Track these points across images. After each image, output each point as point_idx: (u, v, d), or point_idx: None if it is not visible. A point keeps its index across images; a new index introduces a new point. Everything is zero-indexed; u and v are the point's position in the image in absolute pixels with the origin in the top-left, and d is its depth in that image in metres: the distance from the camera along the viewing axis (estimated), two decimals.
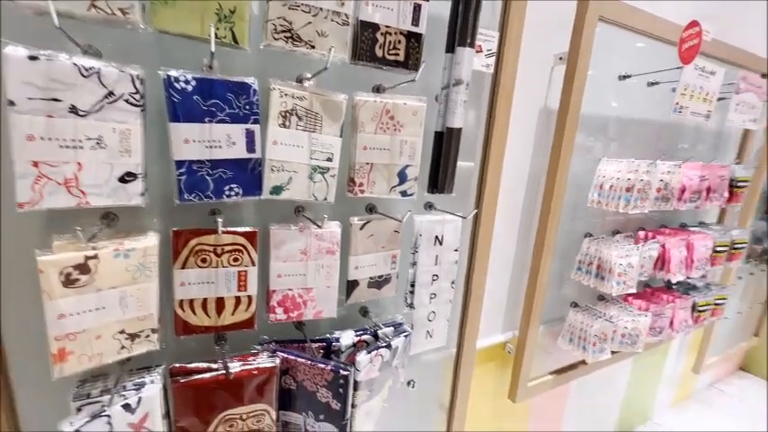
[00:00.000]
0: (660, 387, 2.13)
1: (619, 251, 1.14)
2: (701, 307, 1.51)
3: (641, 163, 1.07)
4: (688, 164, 1.23)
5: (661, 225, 1.51)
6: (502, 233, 1.19)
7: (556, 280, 1.33)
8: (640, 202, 1.10)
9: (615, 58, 1.17)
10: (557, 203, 1.12)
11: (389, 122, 0.74)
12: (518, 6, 0.90)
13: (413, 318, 0.92)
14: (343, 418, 0.75)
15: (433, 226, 0.88)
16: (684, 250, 1.34)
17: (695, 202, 1.27)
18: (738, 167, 1.39)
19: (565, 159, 1.08)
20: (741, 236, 1.52)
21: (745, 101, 1.17)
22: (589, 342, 1.23)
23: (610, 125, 1.26)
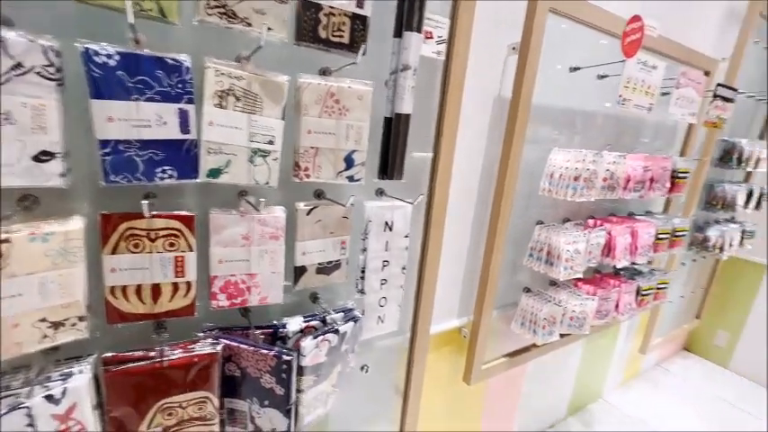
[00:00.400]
0: (610, 367, 2.26)
1: (566, 238, 1.19)
2: (645, 291, 1.60)
3: (588, 153, 1.12)
4: (632, 155, 1.29)
5: (610, 213, 1.58)
6: (457, 220, 1.22)
7: (510, 266, 1.37)
8: (587, 191, 1.15)
9: (573, 51, 1.20)
10: (509, 191, 1.15)
11: (335, 106, 0.73)
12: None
13: (364, 303, 0.93)
14: (287, 402, 0.75)
15: (383, 212, 0.88)
16: (629, 237, 1.41)
17: (639, 192, 1.33)
18: (680, 159, 1.47)
19: (517, 148, 1.11)
20: (682, 224, 1.62)
21: (684, 95, 1.24)
22: (539, 325, 1.28)
23: (563, 116, 1.30)
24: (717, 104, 1.38)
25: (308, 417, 0.83)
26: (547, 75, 1.18)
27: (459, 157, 1.14)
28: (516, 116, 1.08)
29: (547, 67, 1.17)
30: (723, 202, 1.99)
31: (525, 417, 1.86)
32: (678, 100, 1.22)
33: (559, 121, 1.31)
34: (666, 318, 2.44)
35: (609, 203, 1.61)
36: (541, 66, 1.13)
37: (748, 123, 2.31)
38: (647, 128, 1.68)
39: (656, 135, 1.74)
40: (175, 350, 0.69)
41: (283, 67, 0.70)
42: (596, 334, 2.01)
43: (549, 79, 1.19)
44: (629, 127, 1.57)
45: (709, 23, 1.77)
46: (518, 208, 1.32)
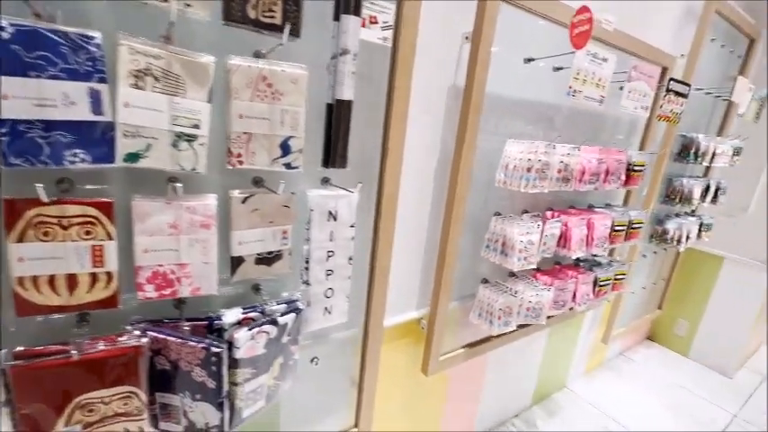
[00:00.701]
0: (574, 357, 2.32)
1: (520, 229, 1.20)
2: (603, 282, 1.64)
3: (540, 144, 1.12)
4: (586, 147, 1.30)
5: (570, 205, 1.61)
6: (414, 211, 1.21)
7: (470, 257, 1.38)
8: (539, 182, 1.16)
9: (531, 42, 1.20)
10: (463, 182, 1.14)
11: (267, 90, 0.71)
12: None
13: (309, 294, 0.91)
14: (219, 396, 0.73)
15: (326, 201, 0.86)
16: (585, 229, 1.43)
17: (594, 184, 1.35)
18: (635, 153, 1.50)
19: (471, 137, 1.11)
20: (639, 216, 1.65)
21: (636, 89, 1.26)
22: (495, 316, 1.29)
23: (523, 108, 1.30)
24: (669, 99, 1.41)
25: (247, 410, 0.81)
26: (504, 65, 1.18)
27: (414, 147, 1.13)
28: (469, 105, 1.07)
29: (503, 58, 1.17)
30: (681, 196, 2.04)
31: (489, 406, 1.88)
32: (630, 93, 1.24)
33: (519, 112, 1.31)
34: (630, 308, 2.52)
35: (570, 195, 1.63)
36: (498, 56, 1.12)
37: (708, 119, 2.39)
38: (609, 121, 1.71)
39: (618, 129, 1.78)
40: (97, 344, 0.66)
41: (215, 49, 0.67)
42: (560, 324, 2.05)
43: (506, 70, 1.19)
44: (590, 120, 1.60)
45: (668, 21, 1.81)
46: (477, 199, 1.32)
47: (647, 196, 2.03)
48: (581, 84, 1.07)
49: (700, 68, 2.04)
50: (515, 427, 2.00)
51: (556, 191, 1.31)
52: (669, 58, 1.70)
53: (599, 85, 1.12)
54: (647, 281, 2.54)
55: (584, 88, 1.09)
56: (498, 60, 1.16)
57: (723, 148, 2.06)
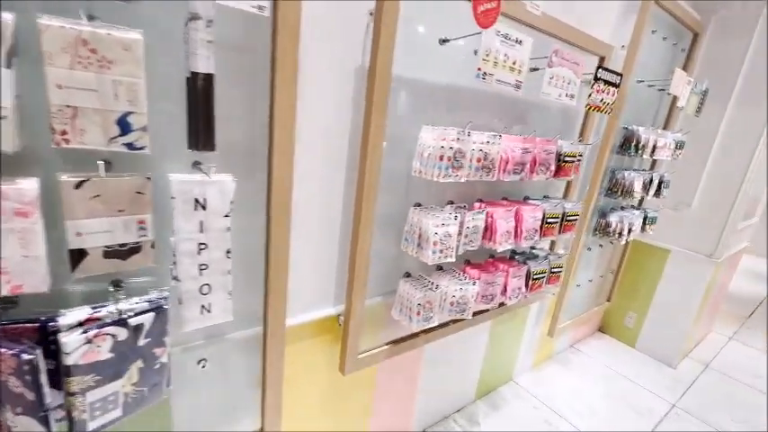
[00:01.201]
0: (521, 350, 2.31)
1: (435, 220, 1.14)
2: (536, 275, 1.61)
3: (451, 131, 1.06)
4: (509, 136, 1.25)
5: (503, 197, 1.56)
6: (325, 202, 1.13)
7: (396, 251, 1.31)
8: (453, 171, 1.10)
9: (450, 23, 1.13)
10: (372, 170, 1.07)
11: (91, 56, 0.61)
12: None
13: (180, 291, 0.82)
14: (40, 409, 0.64)
15: (191, 187, 0.77)
16: (512, 221, 1.39)
17: (519, 174, 1.31)
18: (566, 143, 1.46)
19: (378, 123, 1.03)
20: (574, 209, 1.63)
21: (559, 75, 1.21)
22: (413, 311, 1.23)
23: (444, 93, 1.24)
24: (598, 88, 1.38)
25: (95, 422, 0.72)
26: (418, 47, 1.11)
27: (321, 131, 1.05)
28: (374, 88, 1.00)
29: (418, 39, 1.10)
30: (623, 189, 2.04)
31: (428, 402, 1.85)
32: (552, 79, 1.19)
33: (442, 98, 1.24)
34: (578, 301, 2.53)
35: (506, 186, 1.58)
36: (412, 36, 1.05)
37: (655, 113, 2.40)
38: (551, 111, 1.67)
39: (558, 119, 1.74)
40: None
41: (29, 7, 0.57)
42: (504, 317, 2.03)
43: (422, 51, 1.12)
44: (525, 109, 1.55)
45: (612, 12, 1.78)
46: (397, 189, 1.26)
47: (590, 188, 2.01)
48: (491, 66, 1.01)
49: (644, 61, 2.03)
50: (456, 422, 1.97)
51: (491, 181, 1.26)
52: (606, 48, 1.67)
53: (513, 68, 1.06)
54: (595, 274, 2.56)
55: (496, 71, 1.03)
56: (412, 41, 1.09)
57: (664, 141, 2.06)
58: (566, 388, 2.35)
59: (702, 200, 2.47)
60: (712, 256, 2.46)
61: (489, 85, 1.03)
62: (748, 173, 2.28)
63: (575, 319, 2.47)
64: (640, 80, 2.01)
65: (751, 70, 2.19)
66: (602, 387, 2.41)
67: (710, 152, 2.39)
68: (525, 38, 1.06)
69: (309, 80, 0.99)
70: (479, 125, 1.37)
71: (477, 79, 1.00)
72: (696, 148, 2.40)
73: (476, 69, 0.99)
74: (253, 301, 1.05)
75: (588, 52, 1.61)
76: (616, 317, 2.97)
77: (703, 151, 2.40)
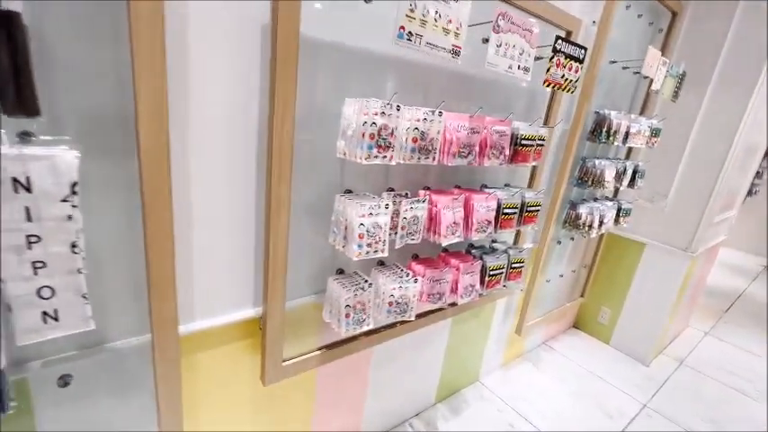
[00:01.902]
0: (487, 349, 2.18)
1: (360, 209, 0.98)
2: (493, 271, 1.47)
3: (374, 103, 0.90)
4: (452, 113, 1.10)
5: (455, 185, 1.41)
6: (232, 184, 0.97)
7: (326, 244, 1.16)
8: (379, 151, 0.94)
9: None
10: (283, 147, 0.91)
11: None
12: None
13: (8, 296, 0.65)
14: None
15: (5, 164, 0.60)
16: (461, 211, 1.24)
17: (466, 158, 1.15)
18: (523, 124, 1.31)
19: (285, 89, 0.86)
20: (535, 198, 1.48)
21: (509, 42, 1.06)
22: (342, 314, 1.08)
23: (376, 62, 1.07)
24: (560, 62, 1.23)
25: None
26: (341, 6, 0.94)
27: (218, 100, 0.88)
28: (277, 49, 0.83)
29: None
30: (593, 178, 1.91)
31: (380, 406, 1.71)
32: (500, 48, 1.04)
33: (378, 69, 1.08)
34: (549, 296, 2.41)
35: (464, 174, 1.43)
36: None
37: (631, 98, 2.26)
38: (514, 91, 1.52)
39: (526, 101, 1.59)
40: None
41: None
42: (467, 314, 1.90)
43: (343, 10, 0.95)
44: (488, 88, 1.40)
45: None
46: (331, 173, 1.10)
47: (558, 177, 1.88)
48: (418, 25, 0.84)
49: (618, 41, 1.89)
50: (413, 427, 1.84)
51: (445, 168, 1.11)
52: (573, 21, 1.52)
53: (448, 30, 0.90)
54: (567, 268, 2.44)
55: (426, 32, 0.86)
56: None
57: (638, 127, 1.93)
58: (534, 388, 2.24)
59: (679, 191, 2.35)
60: (688, 249, 2.35)
61: (419, 49, 0.87)
62: (726, 163, 2.16)
63: (545, 316, 2.36)
64: (613, 60, 1.87)
65: (731, 54, 2.06)
66: (572, 386, 2.30)
67: (688, 140, 2.26)
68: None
69: (200, 35, 0.82)
70: (427, 104, 1.21)
71: (402, 42, 0.84)
72: (673, 136, 2.28)
73: (398, 28, 0.82)
74: (135, 307, 0.89)
75: (552, 25, 1.45)
76: (590, 313, 2.87)
77: (681, 139, 2.28)
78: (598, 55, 1.68)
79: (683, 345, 2.91)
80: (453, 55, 0.94)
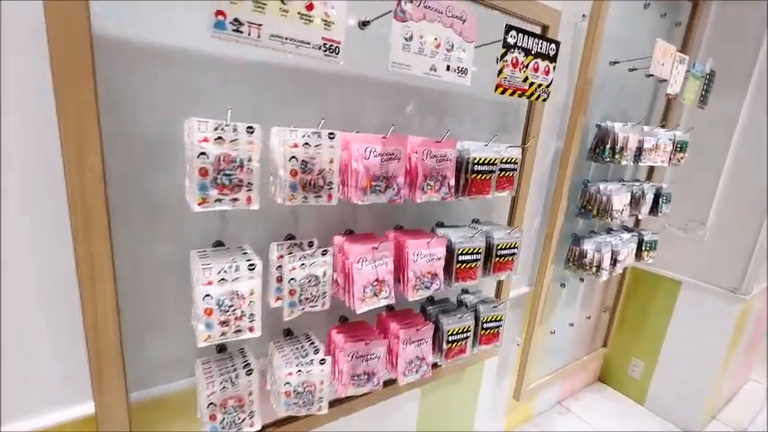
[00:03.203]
0: (478, 417, 1.77)
1: (203, 275, 0.69)
2: (454, 336, 1.12)
3: (204, 125, 0.62)
4: (354, 135, 0.80)
5: (397, 226, 1.09)
6: (33, 249, 0.71)
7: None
8: (220, 192, 0.65)
9: None
10: (89, 188, 0.64)
11: None
12: None
13: None
14: None
15: None
16: (387, 264, 0.92)
17: (384, 193, 0.84)
18: (475, 145, 0.99)
19: (80, 110, 0.61)
20: (508, 239, 1.13)
21: (425, 34, 0.75)
22: (205, 415, 0.78)
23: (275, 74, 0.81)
24: (515, 60, 0.91)
25: None
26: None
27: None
28: (54, 50, 0.58)
29: None
30: (599, 207, 1.52)
31: None
32: (410, 42, 0.74)
33: (274, 83, 0.81)
34: (561, 350, 1.98)
35: (418, 209, 1.11)
36: None
37: (648, 106, 1.87)
38: (485, 105, 1.20)
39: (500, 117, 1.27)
40: None
41: None
42: (438, 382, 1.52)
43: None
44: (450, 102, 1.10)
45: None
46: (207, 216, 0.82)
47: (553, 207, 1.51)
48: (251, 9, 0.57)
49: (624, 38, 1.54)
50: None
51: (395, 204, 0.82)
52: (549, 14, 1.20)
53: (307, 16, 0.62)
54: (580, 315, 2.00)
55: (267, 19, 0.58)
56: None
57: (654, 141, 1.54)
58: None
59: (721, 217, 1.89)
60: (738, 290, 1.86)
61: (259, 45, 0.59)
62: None
63: (555, 375, 1.92)
64: (614, 61, 1.51)
65: None
66: None
67: (727, 155, 1.82)
68: None
69: None
70: (366, 127, 0.92)
71: (223, 35, 0.56)
72: (706, 150, 1.85)
73: (213, 15, 0.55)
74: None
75: (520, 19, 1.14)
76: (618, 365, 2.37)
77: (717, 153, 1.84)
78: (591, 54, 1.34)
79: (744, 406, 2.32)
80: (327, 52, 0.66)
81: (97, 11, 0.61)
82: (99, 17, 0.62)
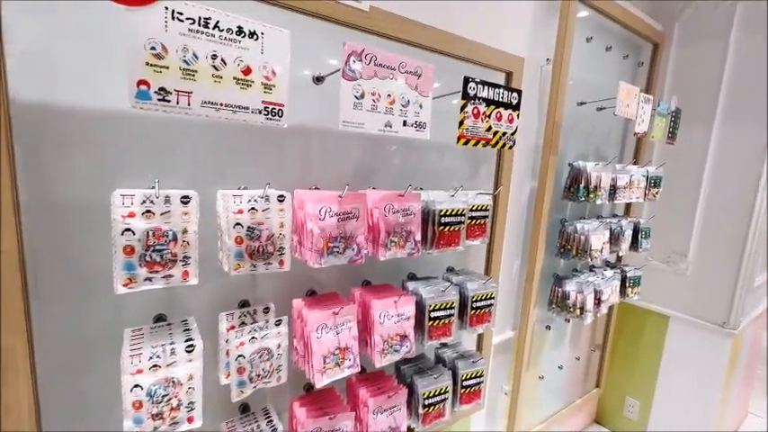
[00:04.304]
0: None
1: (129, 363, 0.61)
2: (430, 399, 1.03)
3: (127, 197, 0.57)
4: (312, 193, 0.76)
5: (364, 281, 1.03)
6: None
7: None
8: (152, 270, 0.59)
9: None
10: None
11: None
12: None
13: None
14: None
15: None
16: (350, 329, 0.85)
17: (343, 254, 0.79)
18: (442, 195, 0.95)
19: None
20: (483, 290, 1.08)
21: (379, 91, 0.73)
22: None
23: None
24: (476, 110, 0.89)
25: None
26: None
27: None
28: None
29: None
30: (577, 246, 1.49)
31: None
32: (362, 99, 0.71)
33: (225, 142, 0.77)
34: (552, 393, 1.88)
35: (391, 261, 1.06)
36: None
37: (620, 144, 1.89)
38: (453, 155, 1.18)
39: (470, 164, 1.25)
40: None
41: None
42: None
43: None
44: (421, 153, 1.07)
45: (524, 16, 1.33)
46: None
47: (531, 249, 1.47)
48: (180, 78, 0.53)
49: (590, 80, 1.57)
50: None
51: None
52: (512, 61, 1.21)
53: (245, 81, 0.58)
54: (569, 356, 1.92)
55: (199, 86, 0.55)
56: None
57: (627, 178, 1.53)
58: None
59: (701, 249, 1.87)
60: (726, 325, 1.81)
61: (190, 113, 0.55)
62: (757, 207, 1.69)
63: (548, 421, 1.82)
64: (582, 102, 1.53)
65: (737, 78, 1.69)
66: None
67: (701, 187, 1.83)
68: (270, 30, 0.59)
69: None
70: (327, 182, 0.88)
71: (147, 105, 0.52)
72: (681, 184, 1.86)
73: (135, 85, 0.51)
74: None
75: (484, 67, 1.15)
76: (613, 406, 2.26)
77: (691, 187, 1.85)
78: (558, 97, 1.35)
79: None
80: (269, 116, 0.62)
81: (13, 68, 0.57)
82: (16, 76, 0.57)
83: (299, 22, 0.77)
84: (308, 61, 0.83)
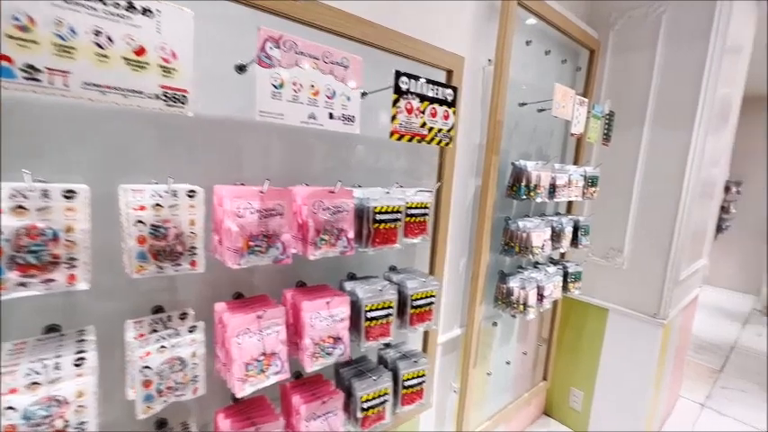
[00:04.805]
0: None
1: (14, 377, 0.53)
2: (368, 402, 1.00)
3: (26, 189, 0.49)
4: (233, 188, 0.70)
5: (300, 281, 0.99)
6: None
7: None
8: (25, 275, 0.52)
9: None
10: None
11: None
12: None
13: None
14: None
15: None
16: (278, 333, 0.80)
17: (262, 255, 0.74)
18: (377, 191, 0.93)
19: None
20: (423, 288, 1.06)
21: (302, 81, 0.70)
22: None
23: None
24: (409, 106, 0.88)
25: None
26: None
27: None
28: None
29: None
30: (520, 244, 1.52)
31: None
32: (281, 89, 0.67)
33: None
34: (501, 389, 1.92)
35: (330, 260, 1.01)
36: None
37: (562, 145, 1.97)
38: (398, 153, 1.16)
39: (413, 162, 1.23)
40: None
41: None
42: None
43: None
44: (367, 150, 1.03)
45: (464, 15, 1.34)
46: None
47: (476, 247, 1.48)
48: (53, 52, 0.47)
49: (531, 82, 1.61)
50: None
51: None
52: (452, 59, 1.21)
53: (138, 63, 0.53)
54: (516, 351, 1.97)
55: (79, 66, 0.49)
56: None
57: (566, 178, 1.59)
58: None
59: (635, 244, 1.99)
60: (657, 315, 1.93)
61: (68, 94, 0.49)
62: (682, 205, 1.82)
63: (497, 417, 1.85)
64: (522, 103, 1.57)
65: (664, 85, 1.81)
66: None
67: (633, 186, 1.94)
68: (165, 7, 0.54)
69: None
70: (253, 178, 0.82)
71: (15, 84, 0.45)
72: (615, 183, 1.96)
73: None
74: None
75: (424, 64, 1.14)
76: (559, 397, 2.35)
77: (624, 186, 1.96)
78: (499, 97, 1.37)
79: (680, 423, 2.39)
80: (170, 102, 0.56)
81: None
82: None
83: (232, 9, 0.72)
84: (239, 52, 0.78)
